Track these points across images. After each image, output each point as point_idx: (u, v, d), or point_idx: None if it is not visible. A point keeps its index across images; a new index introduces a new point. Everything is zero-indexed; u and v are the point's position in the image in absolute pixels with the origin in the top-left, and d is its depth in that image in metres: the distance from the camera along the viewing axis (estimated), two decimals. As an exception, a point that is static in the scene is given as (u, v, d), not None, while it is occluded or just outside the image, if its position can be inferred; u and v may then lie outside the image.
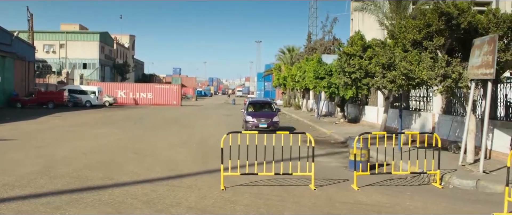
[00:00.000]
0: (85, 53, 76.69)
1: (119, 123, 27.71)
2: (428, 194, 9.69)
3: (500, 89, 12.71)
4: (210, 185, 10.07)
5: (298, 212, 8.03)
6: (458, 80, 11.42)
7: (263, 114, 22.95)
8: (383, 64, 13.23)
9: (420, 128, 17.80)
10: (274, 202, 8.76)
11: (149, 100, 58.74)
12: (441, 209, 8.46)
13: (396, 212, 8.18)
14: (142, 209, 8.06)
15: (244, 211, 8.09)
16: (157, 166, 12.49)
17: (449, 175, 10.65)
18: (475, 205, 8.90)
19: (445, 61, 11.55)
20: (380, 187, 10.23)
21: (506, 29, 11.15)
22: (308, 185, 10.07)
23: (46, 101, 42.32)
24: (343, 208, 8.36)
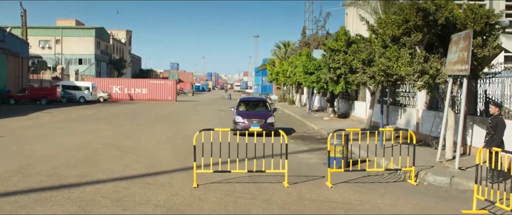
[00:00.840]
0: (80, 49, 76.53)
1: (110, 119, 27.67)
2: (401, 191, 9.66)
3: (479, 85, 12.66)
4: (183, 183, 10.04)
5: (266, 210, 8.00)
6: (435, 76, 11.37)
7: (256, 114, 19.80)
8: (363, 60, 13.16)
9: (405, 123, 17.77)
10: (244, 199, 8.73)
11: (144, 96, 58.67)
12: (411, 206, 8.43)
13: (365, 210, 8.15)
14: (109, 208, 8.02)
15: (211, 209, 8.06)
16: (136, 163, 12.46)
17: (424, 171, 10.62)
18: (446, 202, 8.87)
19: (423, 57, 11.49)
20: (355, 184, 10.20)
21: (483, 25, 11.09)
22: (282, 183, 10.03)
23: (39, 97, 42.26)
24: (312, 206, 8.33)
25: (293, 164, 12.84)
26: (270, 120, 19.03)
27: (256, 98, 24.51)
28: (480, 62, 11.68)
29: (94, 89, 49.47)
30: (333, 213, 7.92)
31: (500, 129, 9.46)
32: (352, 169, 10.74)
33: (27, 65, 50.26)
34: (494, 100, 11.82)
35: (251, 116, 19.19)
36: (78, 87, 48.46)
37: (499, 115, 9.66)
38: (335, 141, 11.33)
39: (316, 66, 25.43)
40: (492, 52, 11.14)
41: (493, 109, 9.68)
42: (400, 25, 11.99)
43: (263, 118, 18.95)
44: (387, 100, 18.41)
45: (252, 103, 21.69)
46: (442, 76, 11.32)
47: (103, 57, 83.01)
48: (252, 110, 20.80)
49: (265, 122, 18.74)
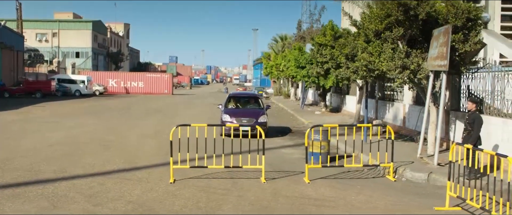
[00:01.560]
0: (77, 42, 76.31)
1: (101, 113, 27.61)
2: (378, 187, 9.62)
3: (463, 80, 12.58)
4: (161, 178, 10.00)
5: (236, 207, 7.96)
6: (417, 72, 11.30)
7: (246, 113, 17.49)
8: (347, 54, 13.08)
9: (393, 118, 17.72)
10: (218, 195, 8.69)
11: (140, 89, 58.60)
12: (384, 203, 8.39)
13: (337, 207, 8.11)
14: (80, 203, 7.99)
15: (182, 205, 8.03)
16: (117, 158, 12.41)
17: (403, 167, 10.58)
18: (421, 199, 8.82)
19: (404, 52, 11.41)
20: (333, 180, 10.16)
21: (465, 20, 11.01)
22: (259, 178, 9.99)
23: (33, 91, 42.19)
24: (284, 202, 8.29)
25: (275, 159, 12.84)
26: (262, 119, 16.83)
27: (247, 94, 22.26)
28: (462, 57, 11.61)
29: (90, 83, 49.37)
30: (305, 209, 7.87)
31: (477, 125, 9.40)
32: (330, 165, 10.68)
33: (22, 58, 50.16)
34: (471, 96, 11.75)
35: (241, 115, 17.02)
36: (73, 81, 48.38)
37: (476, 111, 9.59)
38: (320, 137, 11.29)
39: (308, 60, 25.32)
40: (473, 47, 11.05)
41: (470, 105, 9.62)
42: (382, 19, 11.90)
43: (254, 117, 16.74)
44: (376, 94, 18.33)
45: (243, 100, 19.36)
46: (423, 71, 11.24)
47: (101, 51, 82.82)
48: (243, 107, 18.63)
49: (256, 121, 16.46)
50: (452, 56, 11.53)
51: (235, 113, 17.13)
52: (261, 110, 17.72)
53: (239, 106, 18.64)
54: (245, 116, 16.78)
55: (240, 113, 17.30)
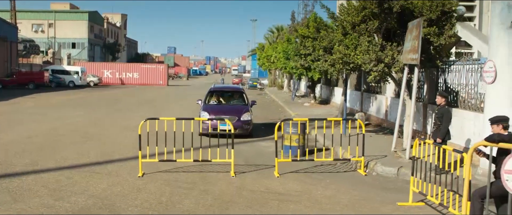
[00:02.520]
0: (74, 33, 76.08)
1: (90, 105, 27.55)
2: (347, 182, 9.58)
3: (440, 74, 12.50)
4: (131, 172, 9.98)
5: (198, 201, 7.94)
6: (391, 65, 11.21)
7: (227, 109, 15.61)
8: (325, 47, 12.99)
9: (376, 111, 17.66)
10: (183, 190, 8.67)
11: (135, 80, 58.51)
12: (349, 198, 8.35)
13: (300, 201, 8.08)
14: (42, 197, 7.97)
15: (145, 199, 8.01)
16: (93, 151, 12.38)
17: (374, 162, 10.53)
18: (387, 193, 8.78)
19: (379, 45, 11.32)
20: (303, 174, 10.12)
21: (439, 13, 10.90)
22: (229, 172, 9.95)
23: (26, 82, 42.11)
24: (248, 197, 8.26)
25: (252, 153, 12.80)
26: (246, 117, 15.04)
27: (231, 88, 19.57)
28: (438, 50, 11.52)
29: (84, 74, 49.26)
30: (266, 204, 7.84)
31: (446, 120, 9.34)
32: (300, 159, 10.63)
33: (16, 49, 50.00)
34: (441, 90, 11.68)
35: (221, 112, 15.04)
36: (67, 72, 48.25)
37: (445, 105, 9.52)
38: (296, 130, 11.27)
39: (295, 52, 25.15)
40: (448, 40, 10.96)
41: (439, 100, 9.54)
42: (359, 12, 11.80)
43: (236, 115, 14.93)
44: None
45: (225, 95, 17.27)
46: (397, 64, 11.16)
47: (97, 41, 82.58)
48: (225, 103, 16.72)
49: (239, 119, 14.80)
50: (428, 49, 11.47)
51: (214, 110, 15.29)
52: (245, 106, 15.91)
53: (222, 102, 16.83)
54: (225, 113, 14.86)
55: (220, 110, 15.48)
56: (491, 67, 9.00)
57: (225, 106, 16.28)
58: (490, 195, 5.73)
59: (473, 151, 5.89)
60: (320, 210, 7.63)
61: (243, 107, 15.65)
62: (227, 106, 16.21)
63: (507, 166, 5.33)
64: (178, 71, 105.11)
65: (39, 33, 76.20)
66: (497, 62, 8.89)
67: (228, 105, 16.40)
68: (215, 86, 18.18)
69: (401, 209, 7.73)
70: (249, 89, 53.41)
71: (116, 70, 59.11)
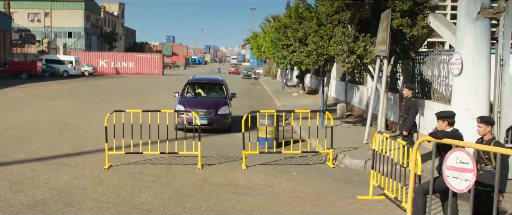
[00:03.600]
0: (70, 22, 75.70)
1: (79, 95, 27.50)
2: (313, 174, 9.54)
3: (415, 65, 12.40)
4: (99, 164, 9.94)
5: (156, 194, 7.91)
6: (363, 56, 11.11)
7: (204, 103, 14.91)
8: (300, 38, 12.88)
9: (358, 101, 17.59)
10: (145, 182, 8.65)
11: (130, 70, 58.36)
12: (310, 191, 8.31)
13: (260, 194, 8.05)
14: (2, 190, 7.95)
15: (104, 192, 7.99)
16: (67, 143, 12.36)
17: (343, 154, 10.48)
18: (350, 186, 8.74)
19: (352, 36, 11.21)
20: (271, 167, 10.08)
21: (412, 4, 10.78)
22: (197, 164, 9.90)
23: (19, 72, 41.99)
24: (208, 190, 8.23)
25: (226, 144, 12.73)
26: (223, 110, 14.38)
27: (210, 80, 18.42)
28: (412, 42, 11.41)
29: (78, 63, 49.12)
30: (224, 198, 7.81)
31: (412, 112, 9.27)
32: (267, 151, 10.58)
33: (10, 38, 49.83)
34: (408, 83, 11.58)
35: (197, 105, 14.26)
36: (61, 61, 48.13)
37: (412, 98, 9.44)
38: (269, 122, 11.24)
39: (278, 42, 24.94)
40: (421, 31, 10.84)
41: (406, 92, 9.46)
42: (333, 2, 11.67)
43: (213, 108, 14.28)
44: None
45: (204, 87, 16.53)
46: (370, 56, 11.06)
47: (94, 31, 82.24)
48: (202, 96, 16.04)
49: (216, 113, 14.19)
50: (401, 40, 11.36)
51: (191, 103, 14.55)
52: (223, 99, 15.19)
53: (201, 94, 16.19)
54: (202, 107, 14.21)
55: (197, 103, 14.76)
56: (457, 59, 8.90)
57: (202, 99, 15.69)
58: (434, 190, 5.67)
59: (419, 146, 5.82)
60: (278, 203, 7.59)
61: (221, 100, 15.01)
62: (204, 99, 15.59)
63: (449, 162, 5.28)
64: (175, 60, 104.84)
65: (35, 22, 75.86)
66: (463, 54, 8.79)
67: (206, 98, 15.75)
68: (194, 77, 17.50)
69: (360, 203, 7.69)
70: (243, 79, 53.35)
71: (111, 60, 58.97)
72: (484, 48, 8.74)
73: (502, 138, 8.91)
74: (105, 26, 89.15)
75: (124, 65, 58.65)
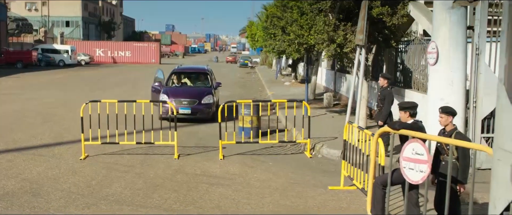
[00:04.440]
0: (67, 11, 75.34)
1: (70, 84, 27.45)
2: (288, 165, 9.51)
3: (398, 54, 12.31)
4: (76, 154, 9.94)
5: (128, 184, 7.91)
6: (343, 45, 11.02)
7: (188, 92, 14.79)
8: (283, 27, 12.78)
9: (346, 91, 17.51)
10: (118, 172, 8.64)
11: (127, 59, 58.24)
12: (282, 182, 8.28)
13: (232, 185, 8.03)
14: (-27, 182, 7.94)
15: (75, 182, 7.98)
16: (48, 133, 12.34)
17: (321, 144, 10.45)
18: (325, 176, 8.72)
19: (332, 24, 11.11)
20: (248, 157, 10.05)
21: (392, -8, 10.65)
22: (173, 154, 9.88)
23: (14, 61, 41.92)
24: (180, 180, 8.22)
25: (207, 134, 12.68)
26: (207, 100, 14.24)
27: (195, 69, 18.14)
28: (393, 31, 11.31)
29: (74, 53, 49.02)
30: (195, 188, 7.79)
31: (387, 102, 9.20)
32: (244, 141, 10.54)
33: (5, 28, 49.67)
34: (383, 72, 11.51)
35: (181, 95, 14.34)
36: (57, 51, 48.04)
37: (387, 87, 9.36)
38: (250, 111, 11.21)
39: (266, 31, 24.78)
40: (401, 20, 10.74)
41: (381, 81, 9.39)
42: (314, -9, 11.55)
43: (197, 98, 14.17)
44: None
45: (189, 76, 16.39)
46: (350, 45, 10.97)
47: (92, 19, 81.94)
48: (187, 85, 16.00)
49: (199, 103, 14.08)
50: (382, 29, 11.26)
51: (174, 93, 14.50)
52: (208, 88, 15.04)
53: (187, 83, 16.14)
54: (185, 96, 14.24)
55: (181, 92, 14.74)
56: (433, 48, 8.81)
57: (187, 88, 15.56)
58: (393, 182, 5.64)
59: (379, 137, 5.77)
60: (247, 194, 7.57)
61: (206, 90, 14.89)
62: (188, 88, 15.50)
63: (405, 153, 5.23)
64: (174, 49, 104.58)
65: (32, 12, 75.51)
66: (439, 43, 8.70)
67: (190, 88, 15.67)
68: (179, 66, 17.38)
69: (330, 193, 7.66)
70: (240, 68, 53.19)
71: (108, 49, 58.84)
72: (460, 37, 8.64)
73: (477, 128, 8.86)
74: (103, 15, 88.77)
75: (121, 54, 58.53)
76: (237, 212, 6.76)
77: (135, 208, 6.83)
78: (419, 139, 5.08)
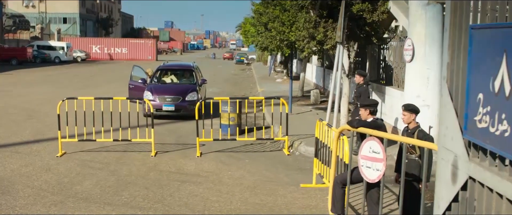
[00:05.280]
0: (65, 8, 75.19)
1: (62, 81, 27.39)
2: (265, 162, 9.48)
3: (381, 51, 12.26)
4: (52, 151, 9.91)
5: (99, 181, 7.88)
6: (324, 42, 10.97)
7: (172, 89, 14.82)
8: (265, 24, 12.73)
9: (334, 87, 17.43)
10: (92, 170, 8.61)
11: (124, 55, 58.17)
12: (255, 179, 8.24)
13: (204, 182, 8.00)
14: None
15: (46, 180, 7.96)
16: (29, 130, 12.32)
17: (299, 141, 10.41)
18: (299, 174, 8.68)
19: (313, 21, 11.05)
20: (226, 154, 10.02)
21: (371, -11, 10.58)
22: (151, 152, 9.84)
23: (8, 58, 41.82)
24: (151, 178, 8.19)
25: (189, 131, 12.60)
26: (191, 96, 14.12)
27: (181, 66, 17.94)
28: (374, 28, 11.24)
29: (69, 49, 48.93)
30: (166, 185, 7.76)
31: (363, 99, 9.15)
32: (221, 139, 10.45)
33: (1, 24, 49.55)
34: (360, 69, 11.45)
35: (165, 92, 14.40)
36: (52, 47, 47.95)
37: (363, 84, 9.32)
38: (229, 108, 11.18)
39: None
40: (381, 16, 10.66)
41: (357, 79, 9.35)
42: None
43: (181, 95, 14.16)
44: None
45: (174, 73, 16.43)
46: (330, 42, 10.90)
47: (89, 16, 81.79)
48: (172, 82, 15.90)
49: (183, 100, 14.04)
50: (363, 26, 11.19)
51: (158, 90, 14.53)
52: (192, 85, 14.96)
53: (172, 80, 16.08)
54: (170, 93, 14.30)
55: (165, 89, 14.75)
56: (409, 45, 8.78)
57: (171, 85, 15.48)
58: (353, 181, 5.60)
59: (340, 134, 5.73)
60: (217, 191, 7.54)
61: (190, 87, 14.81)
62: (173, 86, 15.41)
63: (363, 151, 5.19)
64: (172, 46, 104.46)
65: (30, 8, 75.37)
66: (415, 40, 8.68)
67: (174, 85, 15.58)
68: (165, 63, 17.40)
69: (301, 191, 7.63)
70: (236, 64, 53.14)
71: (105, 46, 58.78)
72: (436, 34, 8.61)
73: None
74: (101, 11, 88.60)
75: (117, 51, 58.46)
76: (204, 210, 6.73)
77: (102, 205, 6.80)
78: (376, 138, 5.04)
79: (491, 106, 3.10)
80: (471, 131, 3.36)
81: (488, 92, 3.14)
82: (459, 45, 3.62)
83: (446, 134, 3.82)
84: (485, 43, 3.23)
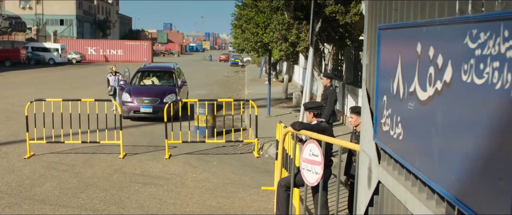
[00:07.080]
0: (61, 9, 75.29)
1: (51, 83, 27.38)
2: (233, 165, 9.45)
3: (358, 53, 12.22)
4: (21, 153, 9.87)
5: (60, 184, 7.85)
6: (296, 44, 10.95)
7: (150, 91, 14.73)
8: (241, 25, 12.71)
9: (317, 90, 17.40)
10: (56, 172, 8.59)
11: (119, 57, 58.13)
12: (218, 182, 8.21)
13: (165, 185, 7.96)
14: None
15: (8, 182, 7.94)
16: (5, 131, 12.32)
17: (269, 144, 10.37)
18: (264, 177, 8.63)
19: (286, 23, 11.03)
20: (194, 156, 9.98)
21: (345, -9, 10.57)
22: (119, 154, 9.81)
23: (2, 60, 41.84)
24: (114, 180, 8.16)
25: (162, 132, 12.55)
26: (169, 99, 13.86)
27: (160, 67, 18.00)
28: (348, 29, 11.23)
29: (64, 51, 48.94)
30: (127, 187, 7.73)
31: (330, 101, 9.11)
32: (190, 141, 10.42)
33: (-4, 26, 49.56)
34: (326, 71, 11.42)
35: (143, 93, 14.32)
36: (47, 49, 47.96)
37: (330, 86, 9.28)
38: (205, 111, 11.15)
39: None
40: (354, 19, 10.65)
41: (324, 81, 9.31)
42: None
43: (159, 97, 14.07)
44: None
45: (154, 75, 16.30)
46: (302, 43, 10.89)
47: (87, 18, 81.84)
48: (151, 84, 15.73)
49: (161, 101, 13.80)
50: (337, 28, 11.18)
51: (137, 92, 14.42)
52: (171, 87, 14.90)
53: (153, 82, 15.91)
54: (148, 95, 14.22)
55: (144, 91, 14.64)
56: (375, 48, 8.72)
57: (149, 87, 15.44)
58: (297, 184, 5.56)
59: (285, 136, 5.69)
60: (176, 194, 7.51)
61: (169, 88, 14.76)
62: (151, 87, 15.38)
63: (304, 154, 5.15)
64: (170, 48, 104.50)
65: (26, 10, 75.49)
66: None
67: (153, 86, 15.51)
68: (145, 65, 17.36)
69: (261, 194, 7.59)
70: (231, 66, 53.13)
71: (100, 47, 58.77)
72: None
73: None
74: (98, 13, 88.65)
75: (113, 53, 58.45)
76: (158, 212, 6.69)
77: (57, 208, 6.77)
78: (316, 140, 5.00)
79: (391, 109, 3.07)
80: (379, 134, 3.33)
81: (389, 95, 3.11)
82: (375, 46, 3.60)
83: (365, 137, 3.79)
84: (388, 44, 3.20)
